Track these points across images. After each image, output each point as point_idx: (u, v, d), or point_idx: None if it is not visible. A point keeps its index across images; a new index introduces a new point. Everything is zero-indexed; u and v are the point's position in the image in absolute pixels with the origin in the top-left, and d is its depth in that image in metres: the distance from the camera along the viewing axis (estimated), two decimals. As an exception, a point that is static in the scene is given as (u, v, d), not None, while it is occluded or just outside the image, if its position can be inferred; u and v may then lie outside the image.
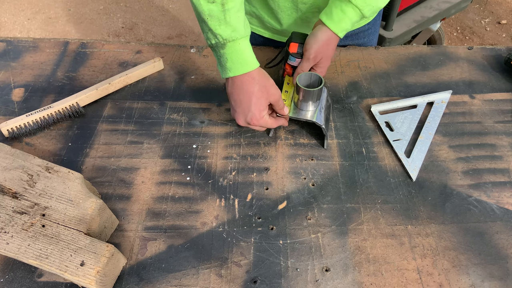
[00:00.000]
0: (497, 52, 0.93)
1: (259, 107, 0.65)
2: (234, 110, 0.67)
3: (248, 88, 0.64)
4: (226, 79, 0.66)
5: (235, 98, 0.66)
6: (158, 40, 2.40)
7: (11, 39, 0.92)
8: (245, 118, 0.66)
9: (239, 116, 0.67)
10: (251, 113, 0.65)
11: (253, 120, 0.66)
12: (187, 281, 0.56)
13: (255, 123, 0.66)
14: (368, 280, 0.57)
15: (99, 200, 0.56)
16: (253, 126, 0.68)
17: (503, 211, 0.65)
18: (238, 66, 0.63)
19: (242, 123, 0.67)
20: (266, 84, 0.65)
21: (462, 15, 2.61)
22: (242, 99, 0.65)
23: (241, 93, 0.65)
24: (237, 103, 0.66)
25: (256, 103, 0.65)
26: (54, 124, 0.75)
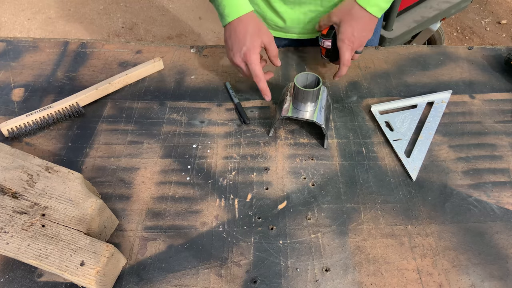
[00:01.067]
0: (497, 52, 0.93)
1: (253, 43, 0.71)
2: (231, 50, 0.73)
3: (243, 27, 0.71)
4: (224, 27, 0.74)
5: (232, 38, 0.72)
6: (158, 40, 2.41)
7: (11, 39, 0.92)
8: (240, 53, 0.71)
9: (235, 54, 0.72)
10: (245, 47, 0.71)
11: (248, 54, 0.71)
12: (187, 281, 0.56)
13: (249, 58, 0.71)
14: (368, 280, 0.57)
15: (99, 200, 0.56)
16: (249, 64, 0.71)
17: (503, 211, 0.65)
18: (233, 11, 0.71)
19: (238, 60, 0.72)
20: (260, 25, 0.73)
21: (462, 15, 2.61)
22: (238, 37, 0.71)
23: (238, 32, 0.71)
24: (233, 42, 0.72)
25: (251, 39, 0.71)
26: (54, 124, 0.75)
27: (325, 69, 0.88)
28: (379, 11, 0.75)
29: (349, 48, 0.75)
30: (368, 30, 0.76)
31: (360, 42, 0.76)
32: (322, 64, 0.89)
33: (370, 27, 0.76)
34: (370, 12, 0.74)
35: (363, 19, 0.74)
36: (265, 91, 0.74)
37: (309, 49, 0.93)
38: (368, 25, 0.76)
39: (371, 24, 0.76)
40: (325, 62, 0.89)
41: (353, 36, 0.75)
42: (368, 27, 0.76)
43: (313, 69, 0.88)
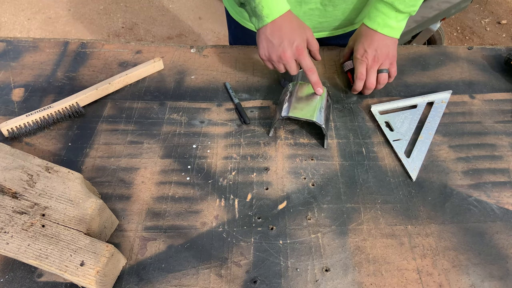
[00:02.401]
0: (497, 52, 0.93)
1: (302, 37, 0.71)
2: (278, 45, 0.71)
3: (289, 23, 0.71)
4: (261, 28, 0.72)
5: (278, 35, 0.70)
6: (158, 40, 2.41)
7: (11, 39, 0.92)
8: (292, 48, 0.70)
9: (285, 48, 0.70)
10: (296, 42, 0.70)
11: (299, 47, 0.70)
12: (187, 281, 0.56)
13: (302, 51, 0.71)
14: (368, 280, 0.57)
15: (99, 200, 0.56)
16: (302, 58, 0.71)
17: (503, 211, 0.65)
18: (274, 10, 0.70)
19: (288, 56, 0.71)
20: (300, 21, 0.73)
21: (462, 15, 2.61)
22: (286, 32, 0.70)
23: (284, 29, 0.70)
24: (282, 39, 0.70)
25: (299, 33, 0.71)
26: (54, 124, 0.75)
27: (325, 70, 0.88)
28: (392, 31, 0.75)
29: (363, 63, 0.76)
30: (384, 48, 0.76)
31: (376, 59, 0.76)
32: (322, 65, 0.89)
33: (388, 46, 0.76)
34: (383, 33, 0.75)
35: (376, 38, 0.75)
36: (319, 83, 0.73)
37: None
38: (384, 44, 0.75)
39: (389, 44, 0.76)
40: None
41: (365, 52, 0.76)
42: (383, 45, 0.75)
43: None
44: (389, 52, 0.76)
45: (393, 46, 0.77)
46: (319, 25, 0.89)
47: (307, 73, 0.72)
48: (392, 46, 0.76)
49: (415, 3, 0.73)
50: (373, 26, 0.75)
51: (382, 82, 0.78)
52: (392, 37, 0.76)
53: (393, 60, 0.77)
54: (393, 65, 0.78)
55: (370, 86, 0.77)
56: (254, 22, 0.73)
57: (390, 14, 0.74)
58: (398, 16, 0.74)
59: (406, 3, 0.72)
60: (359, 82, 0.78)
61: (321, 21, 0.88)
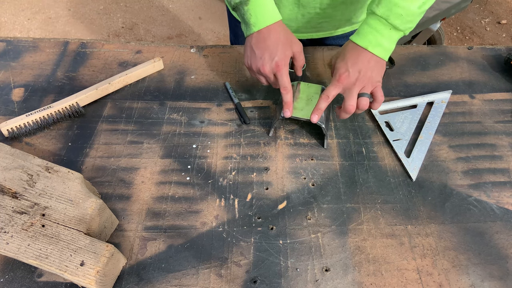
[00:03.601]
0: (497, 52, 0.93)
1: (285, 53, 0.69)
2: (260, 58, 0.69)
3: (274, 36, 0.68)
4: (248, 36, 0.70)
5: (261, 46, 0.69)
6: (158, 40, 2.41)
7: (11, 39, 0.92)
8: (271, 63, 0.68)
9: (264, 62, 0.68)
10: (277, 57, 0.68)
11: (279, 64, 0.68)
12: (187, 281, 0.56)
13: (280, 68, 0.68)
14: (368, 280, 0.57)
15: (99, 200, 0.56)
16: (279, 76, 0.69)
17: (503, 211, 0.65)
18: (262, 19, 0.68)
19: (267, 70, 0.69)
20: (289, 35, 0.71)
21: (462, 15, 2.61)
22: (269, 45, 0.68)
23: (268, 41, 0.68)
24: (263, 51, 0.68)
25: (282, 48, 0.68)
26: (54, 124, 0.75)
27: (325, 70, 0.88)
28: (384, 51, 0.66)
29: (337, 86, 0.67)
30: (370, 70, 0.66)
31: (357, 80, 0.65)
32: (322, 65, 0.89)
33: (375, 68, 0.66)
34: (374, 53, 0.66)
35: (362, 57, 0.66)
36: (290, 104, 0.69)
37: (309, 49, 0.92)
38: (371, 65, 0.66)
39: (376, 66, 0.66)
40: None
41: (344, 72, 0.66)
42: (369, 67, 0.66)
43: (312, 68, 0.88)
44: (372, 76, 0.66)
45: (380, 71, 0.68)
46: (318, 25, 0.89)
47: (281, 91, 0.69)
48: (379, 70, 0.67)
49: (412, 19, 0.65)
50: (363, 43, 0.66)
51: (361, 108, 0.67)
52: (382, 59, 0.67)
53: (377, 85, 0.67)
54: (377, 89, 0.67)
55: (349, 109, 0.66)
56: (243, 28, 0.71)
57: (383, 32, 0.65)
58: (392, 35, 0.65)
59: (402, 19, 0.64)
60: (322, 102, 0.68)
61: (320, 21, 0.88)
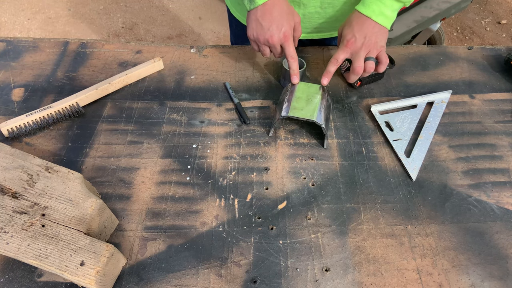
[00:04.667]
0: (497, 52, 0.93)
1: (290, 24, 0.73)
2: (267, 29, 0.72)
3: (279, 7, 0.72)
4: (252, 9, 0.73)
5: (267, 18, 0.72)
6: (158, 40, 2.41)
7: (11, 39, 0.92)
8: (279, 33, 0.72)
9: (273, 33, 0.72)
10: (284, 28, 0.72)
11: (287, 34, 0.73)
12: (187, 281, 0.56)
13: (288, 38, 0.73)
14: (368, 280, 0.57)
15: (99, 200, 0.56)
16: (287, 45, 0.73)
17: (503, 211, 0.65)
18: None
19: (275, 40, 0.73)
20: (290, 6, 0.75)
21: (462, 15, 2.61)
22: (275, 17, 0.72)
23: (274, 12, 0.71)
24: (271, 22, 0.72)
25: (287, 19, 0.73)
26: (54, 124, 0.75)
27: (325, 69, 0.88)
28: (386, 20, 0.73)
29: (345, 50, 0.73)
30: (374, 36, 0.72)
31: (364, 45, 0.72)
32: (322, 65, 0.89)
33: (378, 35, 0.73)
34: (377, 21, 0.72)
35: (367, 25, 0.72)
36: (297, 72, 0.75)
37: (309, 49, 0.93)
38: (374, 32, 0.72)
39: (379, 33, 0.73)
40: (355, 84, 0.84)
41: (354, 37, 0.72)
42: (373, 33, 0.72)
43: (313, 68, 0.88)
44: (377, 41, 0.73)
45: (383, 36, 0.74)
46: (319, 26, 0.89)
47: (289, 59, 0.74)
48: (382, 36, 0.74)
49: None
50: (367, 12, 0.72)
51: (368, 70, 0.74)
52: (384, 27, 0.73)
53: (381, 49, 0.74)
54: (382, 53, 0.75)
55: (358, 70, 0.74)
56: (246, 3, 0.74)
57: (386, 1, 0.71)
58: (393, 4, 0.72)
59: None
60: (331, 66, 0.75)
61: (321, 22, 0.88)
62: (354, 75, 0.75)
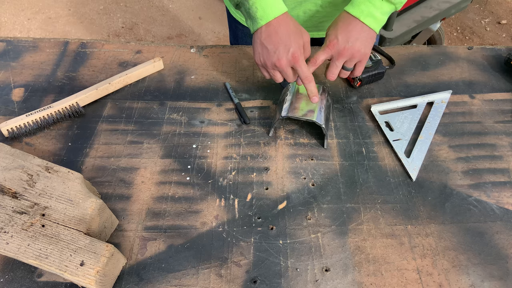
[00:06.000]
0: (497, 52, 0.93)
1: (298, 43, 0.67)
2: (273, 52, 0.67)
3: (285, 27, 0.66)
4: (256, 31, 0.68)
5: (273, 40, 0.66)
6: (158, 40, 2.41)
7: (11, 39, 0.92)
8: (287, 55, 0.66)
9: (280, 55, 0.66)
10: (293, 48, 0.66)
11: (296, 55, 0.66)
12: (187, 281, 0.56)
13: (298, 59, 0.66)
14: (368, 280, 0.57)
15: (99, 200, 0.56)
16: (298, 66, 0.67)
17: (503, 211, 0.65)
18: (269, 12, 0.66)
19: (284, 63, 0.67)
20: (298, 24, 0.69)
21: (462, 15, 2.61)
22: (281, 37, 0.66)
23: (280, 33, 0.66)
24: (277, 44, 0.66)
25: (295, 38, 0.67)
26: (54, 124, 0.75)
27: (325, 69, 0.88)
28: (375, 22, 0.68)
29: (326, 51, 0.70)
30: (359, 41, 0.68)
31: (345, 50, 0.68)
32: (322, 65, 0.89)
33: (365, 40, 0.69)
34: (364, 23, 0.68)
35: (353, 26, 0.68)
36: (316, 93, 0.70)
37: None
38: (360, 36, 0.68)
39: (367, 38, 0.69)
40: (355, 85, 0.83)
41: (334, 39, 0.68)
42: (359, 37, 0.68)
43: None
44: (361, 49, 0.69)
45: (369, 42, 0.70)
46: (319, 24, 0.89)
47: (304, 82, 0.69)
48: (368, 41, 0.69)
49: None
50: (355, 13, 0.68)
51: (340, 76, 0.74)
52: (372, 30, 0.69)
53: (363, 58, 0.70)
54: (361, 63, 0.71)
55: (329, 77, 0.72)
56: (249, 24, 0.69)
57: (375, 2, 0.67)
58: (384, 6, 0.67)
59: None
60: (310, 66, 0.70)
61: (322, 21, 0.88)
62: (327, 78, 0.74)
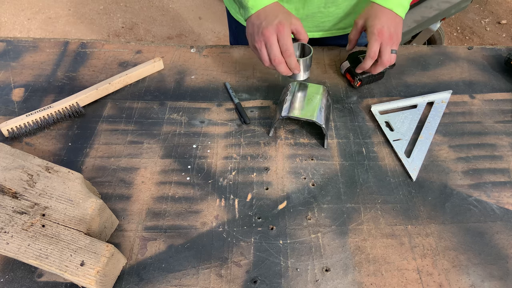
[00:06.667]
0: (497, 52, 0.93)
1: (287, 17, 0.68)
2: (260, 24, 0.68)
3: (274, 12, 0.69)
4: (247, 19, 0.72)
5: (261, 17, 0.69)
6: (158, 40, 2.41)
7: (11, 39, 0.92)
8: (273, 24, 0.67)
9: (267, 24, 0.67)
10: (278, 20, 0.67)
11: (282, 22, 0.67)
12: (187, 281, 0.56)
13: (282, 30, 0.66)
14: (368, 280, 0.57)
15: (99, 200, 0.56)
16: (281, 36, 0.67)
17: (503, 211, 0.65)
18: (259, 1, 0.69)
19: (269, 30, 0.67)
20: (288, 12, 0.71)
21: (462, 15, 2.61)
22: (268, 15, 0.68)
23: (268, 13, 0.69)
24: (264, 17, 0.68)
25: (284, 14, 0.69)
26: (54, 124, 0.75)
27: (325, 70, 0.88)
28: (404, 10, 0.75)
29: (378, 40, 0.73)
30: (397, 27, 0.74)
31: (390, 36, 0.73)
32: (322, 65, 0.89)
33: (398, 26, 0.75)
34: (397, 13, 0.74)
35: (390, 16, 0.74)
36: (296, 66, 0.69)
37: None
38: (396, 23, 0.74)
39: (399, 24, 0.75)
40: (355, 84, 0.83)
41: (382, 28, 0.72)
42: (395, 24, 0.74)
43: (312, 68, 0.88)
44: (398, 33, 0.75)
45: (400, 27, 0.76)
46: (321, 24, 0.89)
47: (284, 54, 0.68)
48: (400, 26, 0.75)
49: None
50: (387, 5, 0.74)
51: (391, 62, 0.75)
52: (401, 17, 0.75)
53: (398, 42, 0.75)
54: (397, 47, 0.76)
55: (386, 63, 0.74)
56: (241, 13, 0.73)
57: None
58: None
59: None
60: (370, 61, 0.74)
61: (323, 20, 0.88)
62: (381, 67, 0.76)
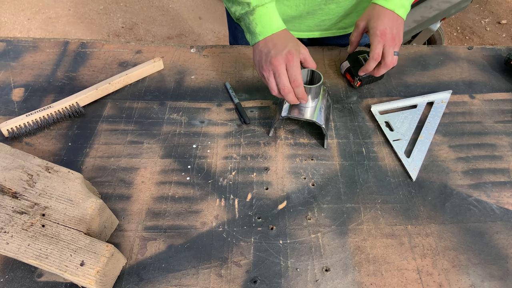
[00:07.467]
0: (497, 52, 0.93)
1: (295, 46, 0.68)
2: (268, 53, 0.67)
3: (283, 38, 0.69)
4: (254, 45, 0.71)
5: (269, 46, 0.68)
6: (158, 40, 2.41)
7: (11, 39, 0.92)
8: (282, 54, 0.66)
9: (276, 53, 0.66)
10: (287, 49, 0.66)
11: (292, 51, 0.66)
12: (187, 281, 0.56)
13: (292, 56, 0.65)
14: (368, 280, 0.57)
15: (99, 200, 0.56)
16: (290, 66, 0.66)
17: (503, 211, 0.65)
18: (268, 28, 0.69)
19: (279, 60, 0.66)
20: (296, 40, 0.70)
21: (462, 15, 2.61)
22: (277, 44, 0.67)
23: (276, 41, 0.68)
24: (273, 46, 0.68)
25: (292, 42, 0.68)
26: (54, 124, 0.75)
27: (325, 70, 0.88)
28: (405, 11, 0.75)
29: (381, 42, 0.72)
30: (398, 29, 0.74)
31: (393, 38, 0.73)
32: (322, 65, 0.89)
33: (400, 27, 0.74)
34: (398, 14, 0.73)
35: (392, 18, 0.73)
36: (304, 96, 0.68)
37: (309, 49, 0.92)
38: (398, 24, 0.74)
39: (401, 25, 0.75)
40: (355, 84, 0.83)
41: (385, 29, 0.72)
42: (397, 25, 0.74)
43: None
44: (400, 34, 0.74)
45: (402, 28, 0.76)
46: (321, 23, 0.89)
47: (293, 84, 0.66)
48: (401, 28, 0.75)
49: None
50: (389, 6, 0.73)
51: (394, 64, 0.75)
52: (403, 18, 0.75)
53: (400, 43, 0.75)
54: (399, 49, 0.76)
55: (390, 65, 0.74)
56: (248, 38, 0.72)
57: None
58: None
59: None
60: (373, 63, 0.74)
61: (324, 18, 0.88)
62: (384, 69, 0.75)
